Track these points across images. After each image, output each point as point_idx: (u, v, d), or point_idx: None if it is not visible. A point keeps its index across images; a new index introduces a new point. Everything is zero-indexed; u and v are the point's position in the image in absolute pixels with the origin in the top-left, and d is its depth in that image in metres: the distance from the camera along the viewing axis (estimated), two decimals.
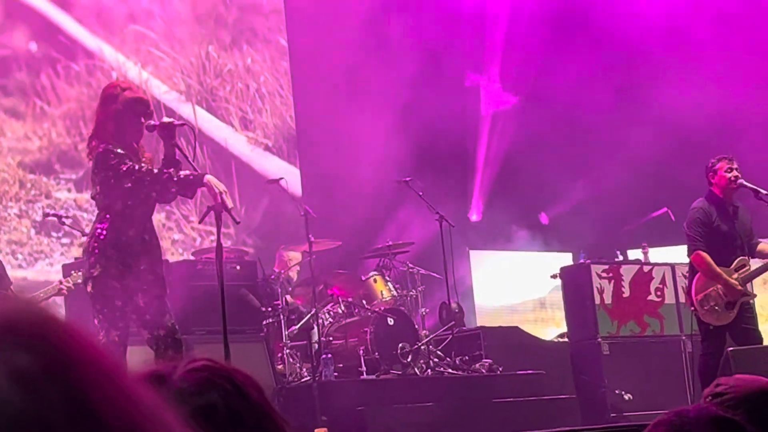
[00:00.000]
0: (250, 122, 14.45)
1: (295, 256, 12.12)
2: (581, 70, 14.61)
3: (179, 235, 13.66)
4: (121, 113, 7.03)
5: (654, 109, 14.21)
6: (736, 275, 9.47)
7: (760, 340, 9.61)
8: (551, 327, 13.40)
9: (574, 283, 12.21)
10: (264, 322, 10.88)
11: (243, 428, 1.46)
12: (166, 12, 14.02)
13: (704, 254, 9.40)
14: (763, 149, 12.63)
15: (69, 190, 13.02)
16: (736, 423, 2.04)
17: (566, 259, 13.93)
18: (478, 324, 12.63)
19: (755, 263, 9.78)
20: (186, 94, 13.97)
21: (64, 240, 12.75)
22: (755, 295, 10.08)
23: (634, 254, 13.31)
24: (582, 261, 12.78)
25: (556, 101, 14.94)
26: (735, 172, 9.48)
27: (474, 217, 15.07)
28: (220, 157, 13.93)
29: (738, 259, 9.55)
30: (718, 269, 9.39)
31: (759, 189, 9.52)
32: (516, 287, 14.06)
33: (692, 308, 9.53)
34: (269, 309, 10.98)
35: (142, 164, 7.13)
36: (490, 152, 15.32)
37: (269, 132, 14.48)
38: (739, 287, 9.37)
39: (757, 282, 11.42)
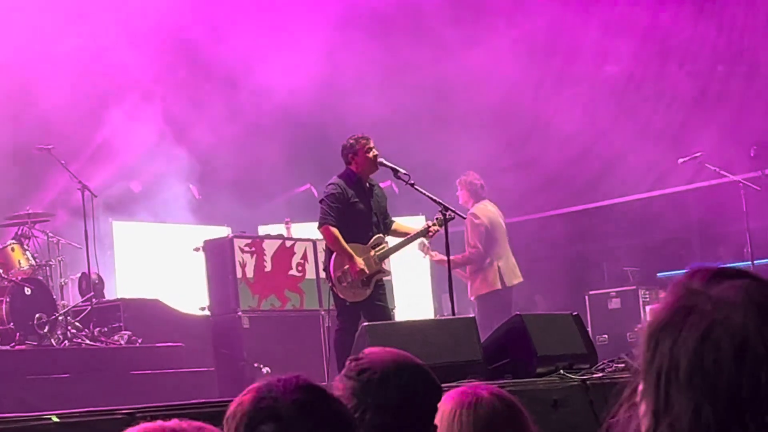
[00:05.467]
0: None
1: None
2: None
3: None
4: None
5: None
6: (373, 252, 9.71)
7: (390, 316, 9.91)
8: (196, 300, 13.36)
9: (216, 257, 12.30)
10: None
11: None
12: None
13: (332, 228, 9.58)
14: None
15: None
16: (323, 392, 2.13)
17: (219, 232, 13.92)
18: (120, 296, 12.50)
19: (391, 241, 10.08)
20: None
21: None
22: (390, 272, 10.40)
23: (277, 229, 13.46)
24: (225, 235, 12.87)
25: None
26: (374, 151, 9.70)
27: (134, 187, 14.84)
28: None
29: (375, 236, 9.80)
30: (344, 244, 9.60)
31: (398, 168, 9.72)
32: (163, 259, 13.96)
33: (330, 284, 9.71)
34: None
35: None
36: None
37: None
38: (361, 265, 9.58)
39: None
